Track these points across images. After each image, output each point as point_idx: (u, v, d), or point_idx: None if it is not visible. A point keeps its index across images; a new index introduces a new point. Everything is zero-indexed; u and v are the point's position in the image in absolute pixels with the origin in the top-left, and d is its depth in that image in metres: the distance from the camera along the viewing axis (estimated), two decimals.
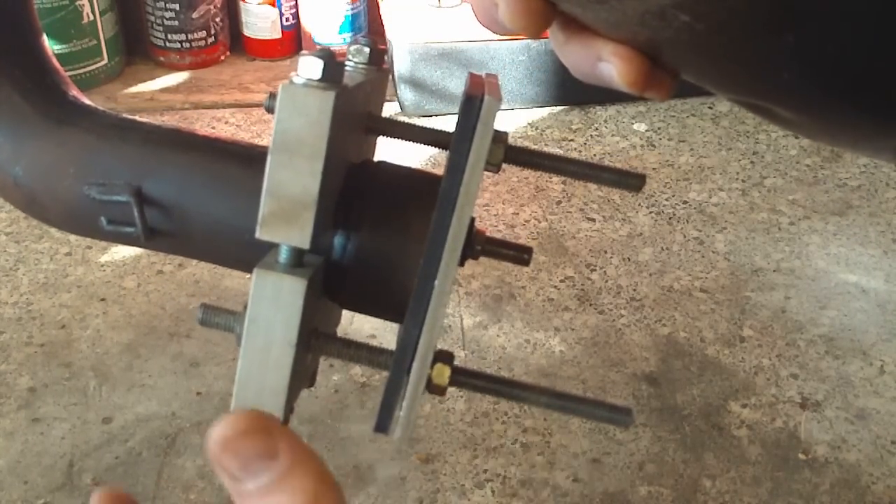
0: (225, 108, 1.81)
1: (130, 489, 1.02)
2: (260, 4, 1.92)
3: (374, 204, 0.36)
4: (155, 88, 1.87)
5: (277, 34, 1.95)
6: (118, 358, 1.21)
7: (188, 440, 1.09)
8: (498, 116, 0.31)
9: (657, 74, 0.30)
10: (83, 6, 1.76)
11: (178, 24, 1.87)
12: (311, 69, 0.31)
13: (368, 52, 0.39)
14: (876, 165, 1.68)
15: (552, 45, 0.32)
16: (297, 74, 0.31)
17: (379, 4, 1.87)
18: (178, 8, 1.86)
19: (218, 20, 1.92)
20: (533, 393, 0.34)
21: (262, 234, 0.31)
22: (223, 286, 1.34)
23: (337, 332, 0.42)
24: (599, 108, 1.82)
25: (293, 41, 1.99)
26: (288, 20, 1.95)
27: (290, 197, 0.31)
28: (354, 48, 0.39)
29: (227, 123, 1.76)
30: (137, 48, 1.95)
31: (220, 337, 1.19)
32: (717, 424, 1.14)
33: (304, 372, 0.35)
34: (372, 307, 0.38)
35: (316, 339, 0.34)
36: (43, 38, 0.44)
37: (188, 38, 1.89)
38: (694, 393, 1.19)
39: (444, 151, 0.35)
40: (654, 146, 1.72)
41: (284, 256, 0.32)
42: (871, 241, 1.48)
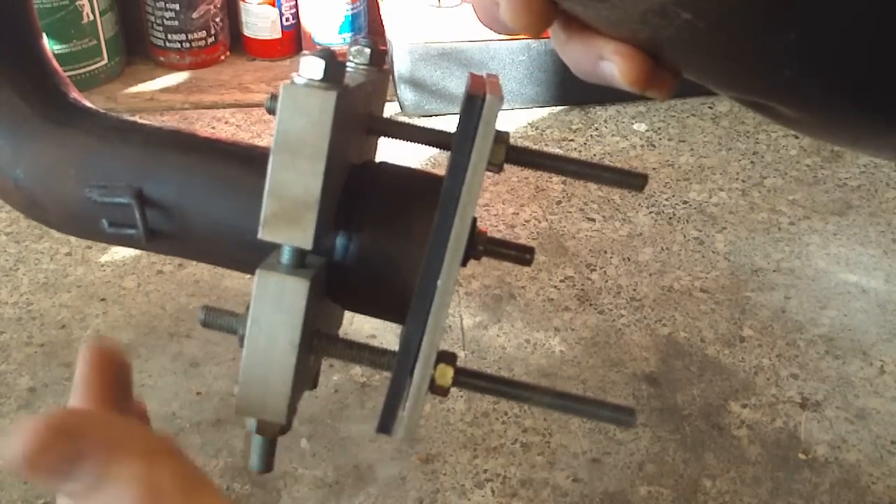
0: (225, 108, 1.80)
1: None
2: (260, 4, 1.91)
3: (375, 205, 0.35)
4: (155, 88, 1.87)
5: (277, 34, 1.95)
6: None
7: (188, 440, 1.09)
8: (499, 117, 0.31)
9: (658, 73, 0.30)
10: (83, 6, 1.76)
11: (178, 24, 1.87)
12: (312, 69, 0.31)
13: (369, 52, 0.39)
14: (876, 165, 1.68)
15: (553, 44, 0.32)
16: (298, 75, 0.31)
17: (379, 4, 1.87)
18: (178, 8, 1.86)
19: (218, 20, 1.92)
20: (536, 393, 0.34)
21: (264, 234, 0.31)
22: (223, 286, 1.33)
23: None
24: (599, 108, 1.82)
25: (293, 41, 1.99)
26: (288, 20, 1.95)
27: (292, 198, 0.31)
28: (355, 49, 0.39)
29: (227, 123, 1.76)
30: (137, 48, 1.94)
31: (220, 337, 1.19)
32: (717, 424, 1.14)
33: (306, 373, 0.35)
34: (374, 308, 0.38)
35: (318, 340, 0.34)
36: (43, 40, 0.44)
37: (188, 38, 1.89)
38: (694, 393, 1.19)
39: (445, 152, 0.35)
40: (654, 146, 1.72)
41: (287, 257, 0.32)
42: (871, 241, 1.48)
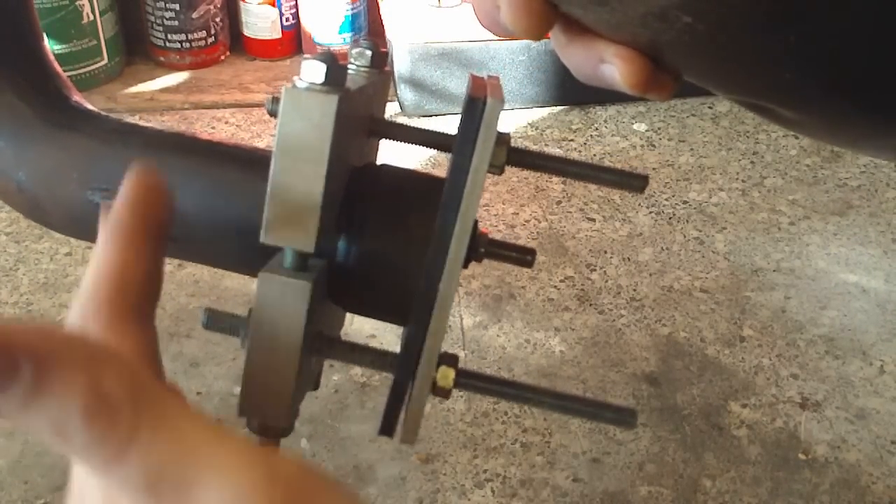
0: (225, 108, 1.80)
1: None
2: (260, 4, 1.91)
3: (377, 207, 0.35)
4: (155, 88, 1.87)
5: (277, 34, 1.95)
6: None
7: None
8: (499, 118, 0.31)
9: (659, 75, 0.30)
10: (83, 6, 1.76)
11: (178, 24, 1.87)
12: (313, 72, 0.31)
13: (370, 55, 0.39)
14: (876, 165, 1.68)
15: (554, 46, 0.32)
16: (300, 78, 0.31)
17: (379, 4, 1.87)
18: (178, 8, 1.86)
19: (218, 20, 1.92)
20: (537, 394, 0.34)
21: (266, 238, 0.31)
22: (223, 286, 1.34)
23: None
24: (599, 108, 1.82)
25: (293, 41, 1.99)
26: (288, 20, 1.95)
27: (294, 201, 0.31)
28: (356, 51, 0.39)
29: (227, 123, 1.76)
30: (137, 48, 1.94)
31: (220, 337, 1.18)
32: (717, 424, 1.15)
33: (308, 375, 0.35)
34: (375, 310, 0.38)
35: (320, 342, 0.34)
36: (44, 42, 0.44)
37: (188, 38, 1.89)
38: (694, 393, 1.19)
39: (445, 153, 0.35)
40: (654, 146, 1.72)
41: (289, 260, 0.32)
42: (871, 241, 1.48)
